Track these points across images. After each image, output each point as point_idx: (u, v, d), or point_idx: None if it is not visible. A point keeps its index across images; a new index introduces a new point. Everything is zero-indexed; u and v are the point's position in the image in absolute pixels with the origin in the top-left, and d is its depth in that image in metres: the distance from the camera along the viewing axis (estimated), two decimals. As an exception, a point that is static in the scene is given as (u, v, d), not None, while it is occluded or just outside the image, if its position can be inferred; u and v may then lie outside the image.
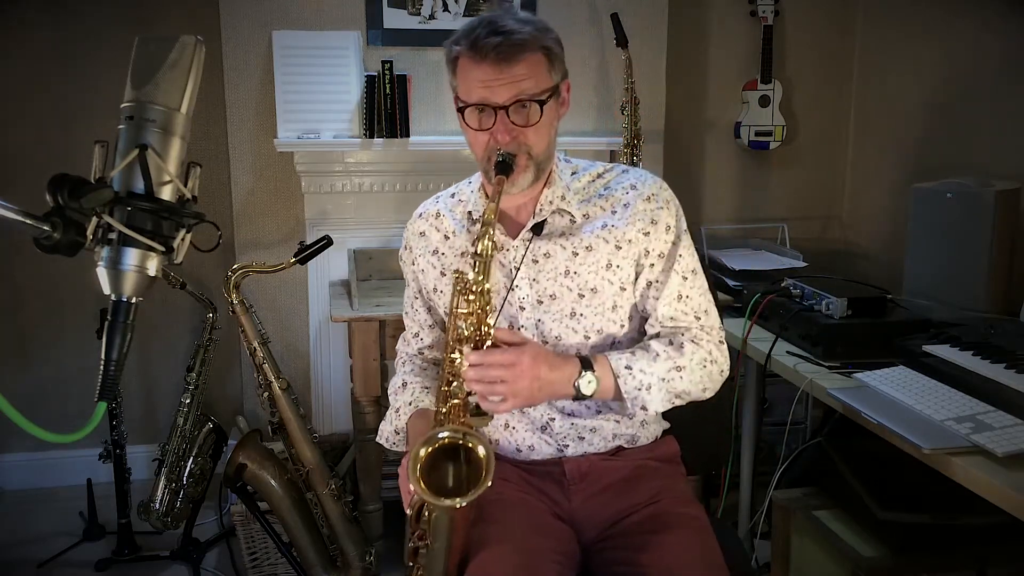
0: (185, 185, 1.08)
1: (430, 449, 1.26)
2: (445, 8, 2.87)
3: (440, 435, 1.27)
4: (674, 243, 1.49)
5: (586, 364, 1.40)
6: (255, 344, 2.12)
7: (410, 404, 1.57)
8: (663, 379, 1.43)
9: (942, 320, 2.00)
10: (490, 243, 1.32)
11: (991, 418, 1.53)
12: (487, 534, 1.35)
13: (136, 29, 2.00)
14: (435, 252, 1.57)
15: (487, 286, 1.33)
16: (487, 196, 1.49)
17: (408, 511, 1.39)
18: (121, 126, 1.06)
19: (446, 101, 2.93)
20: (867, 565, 1.80)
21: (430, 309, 1.63)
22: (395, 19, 2.85)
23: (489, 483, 1.21)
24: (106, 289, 1.04)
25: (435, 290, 1.58)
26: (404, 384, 1.62)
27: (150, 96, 1.05)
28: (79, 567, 2.59)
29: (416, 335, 1.66)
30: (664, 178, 1.55)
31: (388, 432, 1.61)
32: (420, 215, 1.63)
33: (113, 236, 1.03)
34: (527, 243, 1.47)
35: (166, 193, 1.06)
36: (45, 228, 0.98)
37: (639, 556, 1.34)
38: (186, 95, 1.08)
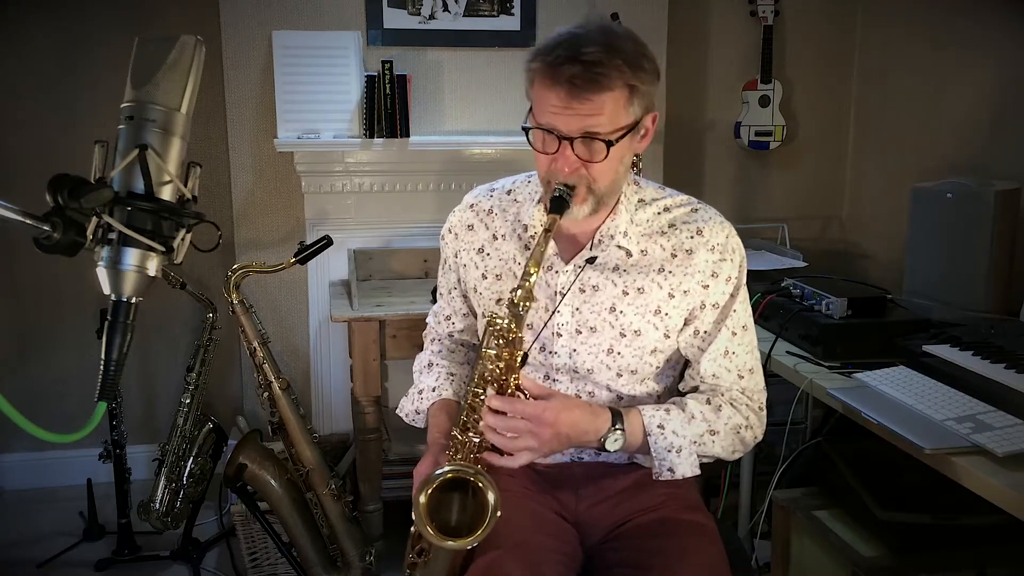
0: (185, 185, 1.08)
1: (433, 488, 1.25)
2: (445, 8, 2.87)
3: (445, 471, 1.25)
4: (731, 295, 1.43)
5: (616, 418, 1.34)
6: (255, 344, 2.11)
7: (434, 390, 1.56)
8: (694, 442, 1.38)
9: (942, 320, 2.00)
10: (527, 293, 1.26)
11: (991, 418, 1.52)
12: (492, 532, 1.35)
13: (136, 29, 2.01)
14: (480, 251, 1.51)
15: (519, 335, 1.28)
16: (545, 210, 1.40)
17: (412, 529, 1.39)
18: (121, 126, 1.06)
19: (446, 101, 2.94)
20: (867, 565, 1.80)
21: (466, 297, 1.58)
22: (395, 19, 2.85)
23: (495, 523, 1.21)
24: (106, 289, 1.04)
25: (474, 290, 1.53)
26: (431, 365, 1.61)
27: (150, 96, 1.05)
28: (79, 567, 2.58)
29: (449, 318, 1.63)
30: (664, 179, 1.54)
31: (409, 410, 1.60)
32: (471, 206, 1.55)
33: (113, 236, 1.03)
34: (578, 270, 1.41)
35: (166, 193, 1.06)
36: (45, 228, 0.98)
37: (643, 560, 1.34)
38: (186, 95, 1.08)
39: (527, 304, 1.26)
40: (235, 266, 2.09)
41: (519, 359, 1.28)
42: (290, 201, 2.91)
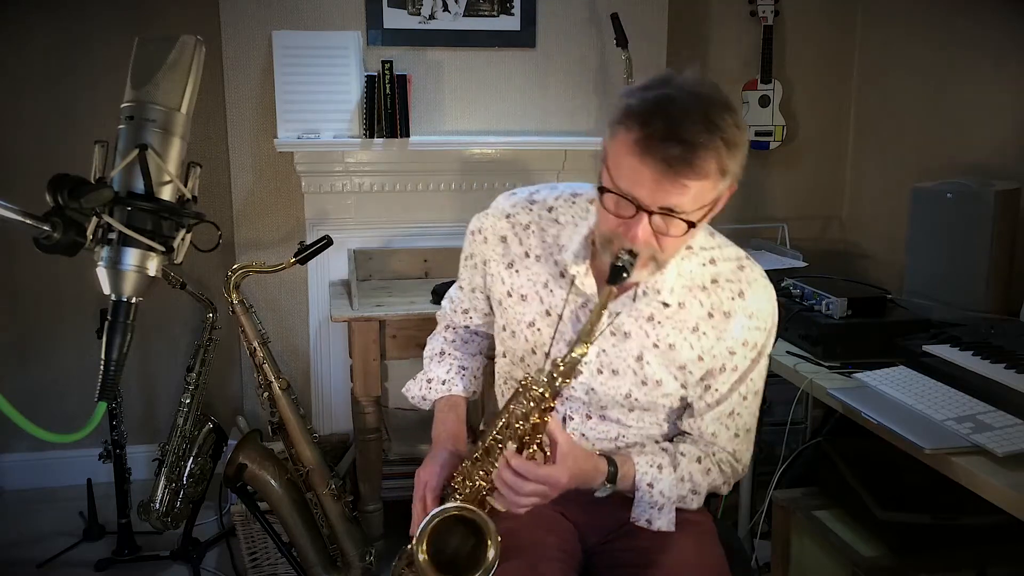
0: (185, 185, 1.08)
1: (438, 522, 1.27)
2: (445, 8, 2.87)
3: (452, 510, 1.27)
4: (753, 361, 1.40)
5: (611, 475, 1.36)
6: (255, 344, 2.11)
7: (443, 384, 1.56)
8: (676, 502, 1.40)
9: (942, 320, 2.00)
10: (571, 367, 1.24)
11: (991, 418, 1.53)
12: None
13: (136, 29, 2.00)
14: (510, 266, 1.46)
15: (553, 405, 1.26)
16: (591, 261, 1.37)
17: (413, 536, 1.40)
18: (121, 126, 1.06)
19: (446, 101, 2.94)
20: (867, 565, 1.80)
21: (488, 299, 1.56)
22: (395, 19, 2.85)
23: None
24: (106, 289, 1.04)
25: (499, 303, 1.50)
26: (442, 353, 1.61)
27: (150, 96, 1.06)
28: (79, 567, 2.58)
29: (467, 312, 1.60)
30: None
31: (416, 394, 1.60)
32: (507, 216, 1.46)
33: (113, 236, 1.03)
34: (613, 316, 1.37)
35: (166, 193, 1.06)
36: (45, 228, 0.98)
37: (642, 560, 1.34)
38: (186, 95, 1.08)
39: (567, 381, 1.24)
40: (235, 266, 2.10)
41: (546, 422, 1.27)
42: (290, 201, 2.91)
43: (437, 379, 1.57)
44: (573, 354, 1.22)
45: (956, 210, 2.33)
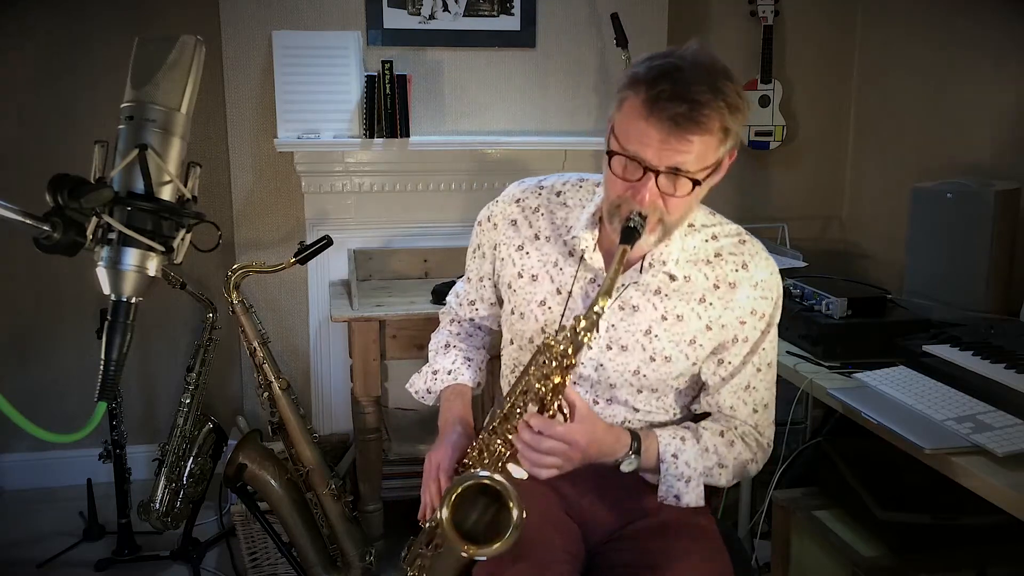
0: (185, 185, 1.08)
1: (463, 489, 1.25)
2: (445, 8, 2.87)
3: (481, 478, 1.25)
4: (763, 332, 1.43)
5: (635, 440, 1.37)
6: (255, 344, 2.11)
7: (449, 373, 1.58)
8: (704, 474, 1.41)
9: (942, 320, 2.00)
10: (592, 325, 1.22)
11: (991, 418, 1.53)
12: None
13: (136, 29, 2.00)
14: (520, 248, 1.50)
15: (574, 361, 1.26)
16: (598, 238, 1.40)
17: (423, 524, 1.40)
18: (121, 126, 1.06)
19: (446, 101, 2.94)
20: (867, 565, 1.80)
21: (496, 286, 1.58)
22: (395, 19, 2.85)
23: (512, 542, 1.21)
24: (106, 289, 1.04)
25: (508, 286, 1.52)
26: (447, 346, 1.63)
27: (150, 96, 1.06)
28: (79, 567, 2.58)
29: (473, 303, 1.62)
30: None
31: (420, 387, 1.61)
32: (517, 200, 1.52)
33: (113, 236, 1.03)
34: (621, 289, 1.40)
35: (166, 193, 1.06)
36: (45, 228, 0.98)
37: (645, 561, 1.34)
38: (186, 95, 1.08)
39: (589, 335, 1.23)
40: (235, 266, 2.10)
41: (565, 384, 1.27)
42: (290, 201, 2.91)
43: (443, 369, 1.59)
44: (595, 308, 1.22)
45: (956, 210, 2.33)
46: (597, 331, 1.25)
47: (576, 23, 2.94)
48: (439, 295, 2.47)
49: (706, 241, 1.43)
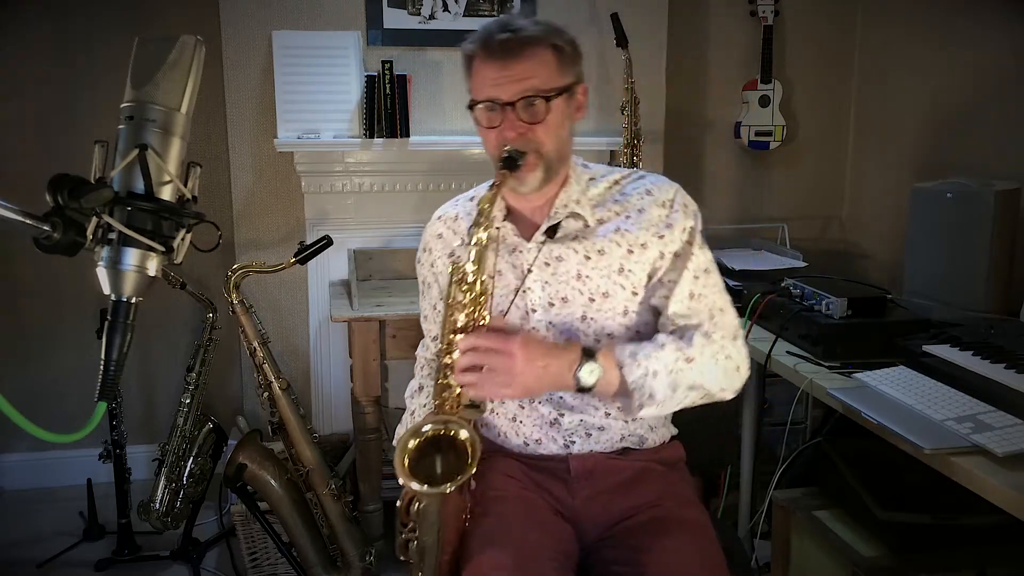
0: (185, 185, 1.08)
1: (416, 442, 1.29)
2: (445, 8, 2.87)
3: (424, 428, 1.30)
4: (688, 242, 1.46)
5: (588, 352, 1.35)
6: (255, 344, 2.12)
7: (424, 407, 1.60)
8: (670, 369, 1.37)
9: (942, 320, 2.00)
10: (485, 233, 1.32)
11: (991, 418, 1.52)
12: (486, 530, 1.36)
13: (136, 29, 2.00)
14: (451, 254, 1.57)
15: (483, 277, 1.33)
16: (504, 210, 1.49)
17: (398, 504, 1.40)
18: (121, 126, 1.06)
19: (446, 101, 2.94)
20: (867, 565, 1.80)
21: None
22: (395, 19, 2.85)
23: (474, 469, 1.26)
24: (106, 289, 1.04)
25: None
26: (420, 388, 1.66)
27: (150, 96, 1.05)
28: (79, 567, 2.58)
29: (435, 339, 1.65)
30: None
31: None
32: (439, 217, 1.62)
33: (113, 236, 1.03)
34: (540, 246, 1.46)
35: (166, 193, 1.06)
36: (45, 228, 0.98)
37: (639, 557, 1.34)
38: (186, 95, 1.08)
39: (486, 243, 1.33)
40: (235, 266, 2.10)
41: (486, 304, 1.34)
42: (290, 201, 2.91)
43: (419, 407, 1.62)
44: (482, 219, 1.33)
45: (956, 210, 2.33)
46: (489, 234, 1.34)
47: (576, 23, 2.94)
48: (439, 295, 2.47)
49: (608, 187, 1.51)
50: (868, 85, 3.28)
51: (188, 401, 2.59)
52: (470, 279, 1.33)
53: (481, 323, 1.34)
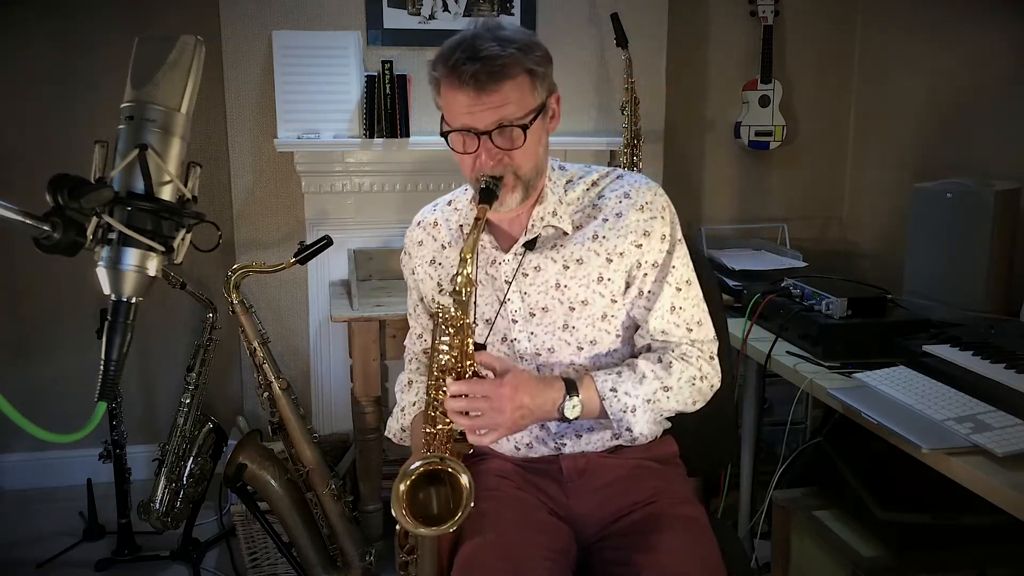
0: (185, 185, 1.08)
1: (409, 482, 1.30)
2: (445, 8, 2.87)
3: (416, 467, 1.30)
4: (668, 252, 1.46)
5: (571, 387, 1.39)
6: (255, 344, 2.11)
7: (414, 404, 1.61)
8: (648, 400, 1.42)
9: (942, 320, 2.00)
10: (466, 280, 1.31)
11: (991, 418, 1.52)
12: (477, 527, 1.36)
13: (136, 29, 2.00)
14: (432, 262, 1.57)
15: (467, 321, 1.32)
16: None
17: (397, 527, 1.42)
18: (121, 126, 1.06)
19: (446, 101, 2.93)
20: (867, 565, 1.80)
21: (431, 315, 1.61)
22: (395, 19, 2.85)
23: (470, 507, 1.27)
24: (106, 289, 1.04)
25: (434, 301, 1.57)
26: (410, 383, 1.66)
27: (150, 96, 1.05)
28: (79, 567, 2.58)
29: (420, 336, 1.67)
30: (664, 178, 1.55)
31: (395, 429, 1.65)
32: (419, 223, 1.63)
33: (113, 236, 1.03)
34: (519, 257, 1.46)
35: (166, 193, 1.06)
36: (45, 228, 0.98)
37: (636, 556, 1.34)
38: (186, 95, 1.08)
39: (468, 290, 1.31)
40: (235, 266, 2.09)
41: (471, 345, 1.34)
42: (290, 201, 2.91)
43: (408, 404, 1.63)
44: (465, 271, 1.30)
45: (956, 210, 2.33)
46: (473, 284, 1.32)
47: (576, 23, 2.94)
48: (439, 295, 2.47)
49: (587, 189, 1.49)
50: (868, 85, 3.28)
51: (188, 401, 2.59)
52: (455, 324, 1.32)
53: (470, 365, 1.34)
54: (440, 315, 1.34)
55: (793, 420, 2.06)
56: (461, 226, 1.53)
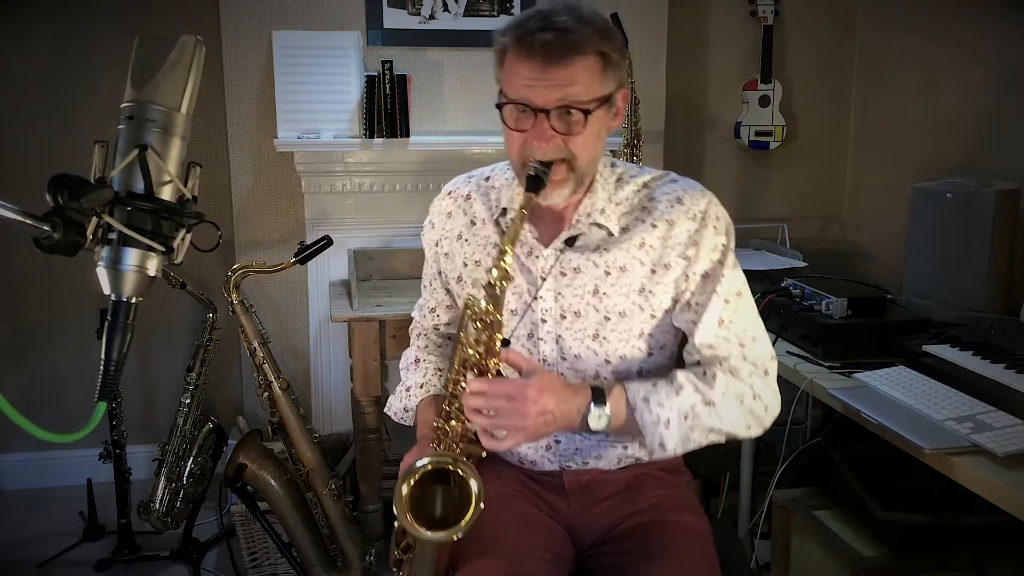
0: (185, 185, 1.08)
1: (415, 479, 1.22)
2: (445, 8, 2.87)
3: (423, 464, 1.22)
4: (719, 262, 1.35)
5: (599, 396, 1.28)
6: (255, 344, 2.11)
7: (421, 387, 1.54)
8: (685, 415, 1.29)
9: (942, 320, 2.00)
10: (503, 273, 1.21)
11: (991, 418, 1.53)
12: (475, 531, 1.34)
13: (136, 29, 2.00)
14: (459, 237, 1.48)
15: (498, 317, 1.23)
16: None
17: (396, 524, 1.38)
18: (121, 126, 1.06)
19: (446, 101, 2.94)
20: (867, 565, 1.80)
21: (448, 289, 1.55)
22: (395, 19, 2.85)
23: (479, 512, 1.19)
24: (106, 289, 1.04)
25: (457, 279, 1.49)
26: (417, 361, 1.58)
27: (150, 96, 1.05)
28: (79, 567, 2.58)
29: (433, 310, 1.60)
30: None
31: (397, 408, 1.58)
32: (449, 193, 1.52)
33: (113, 236, 1.03)
34: (558, 253, 1.37)
35: (166, 193, 1.06)
36: (45, 228, 0.98)
37: (635, 562, 1.33)
38: (186, 95, 1.08)
39: (503, 284, 1.22)
40: (235, 266, 2.09)
41: (498, 342, 1.24)
42: (290, 201, 2.91)
43: (415, 384, 1.54)
44: (502, 260, 1.21)
45: (956, 210, 2.33)
46: (511, 279, 1.23)
47: (576, 23, 2.94)
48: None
49: (637, 191, 1.39)
50: (868, 85, 3.28)
51: (188, 401, 2.59)
52: (485, 319, 1.23)
53: (496, 362, 1.25)
54: (469, 308, 1.24)
55: (793, 420, 2.05)
56: (504, 209, 1.42)
